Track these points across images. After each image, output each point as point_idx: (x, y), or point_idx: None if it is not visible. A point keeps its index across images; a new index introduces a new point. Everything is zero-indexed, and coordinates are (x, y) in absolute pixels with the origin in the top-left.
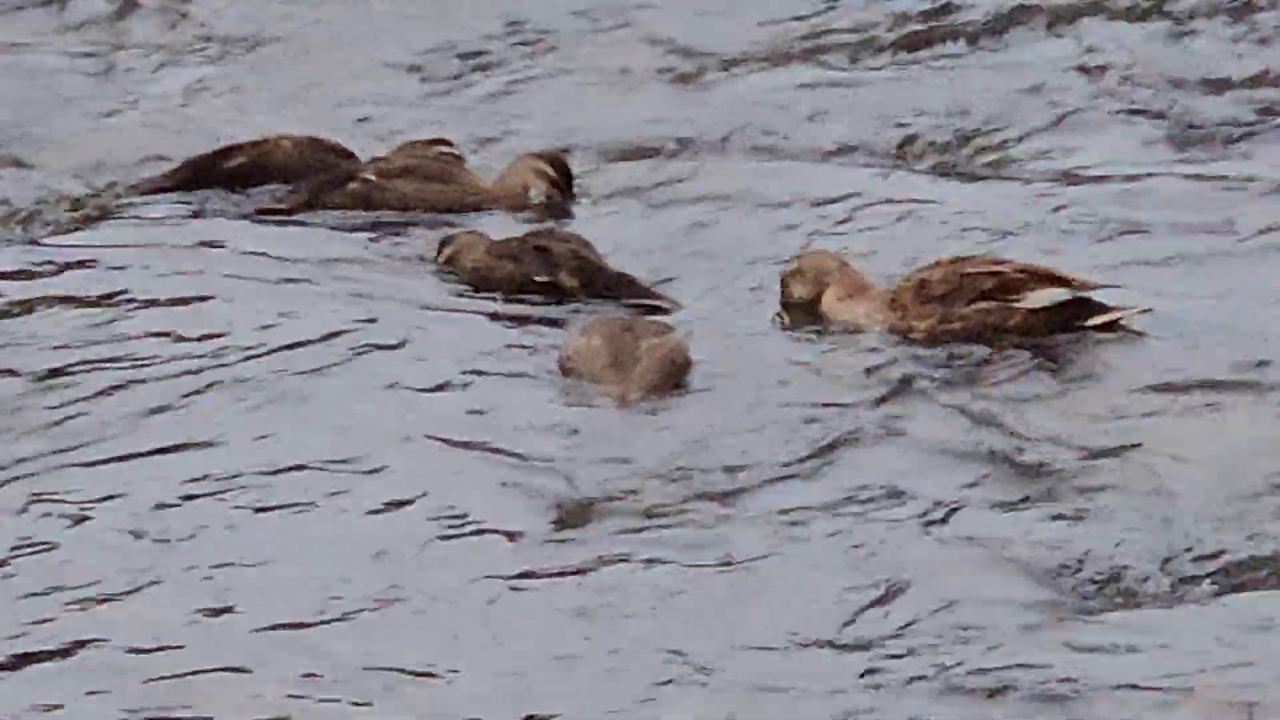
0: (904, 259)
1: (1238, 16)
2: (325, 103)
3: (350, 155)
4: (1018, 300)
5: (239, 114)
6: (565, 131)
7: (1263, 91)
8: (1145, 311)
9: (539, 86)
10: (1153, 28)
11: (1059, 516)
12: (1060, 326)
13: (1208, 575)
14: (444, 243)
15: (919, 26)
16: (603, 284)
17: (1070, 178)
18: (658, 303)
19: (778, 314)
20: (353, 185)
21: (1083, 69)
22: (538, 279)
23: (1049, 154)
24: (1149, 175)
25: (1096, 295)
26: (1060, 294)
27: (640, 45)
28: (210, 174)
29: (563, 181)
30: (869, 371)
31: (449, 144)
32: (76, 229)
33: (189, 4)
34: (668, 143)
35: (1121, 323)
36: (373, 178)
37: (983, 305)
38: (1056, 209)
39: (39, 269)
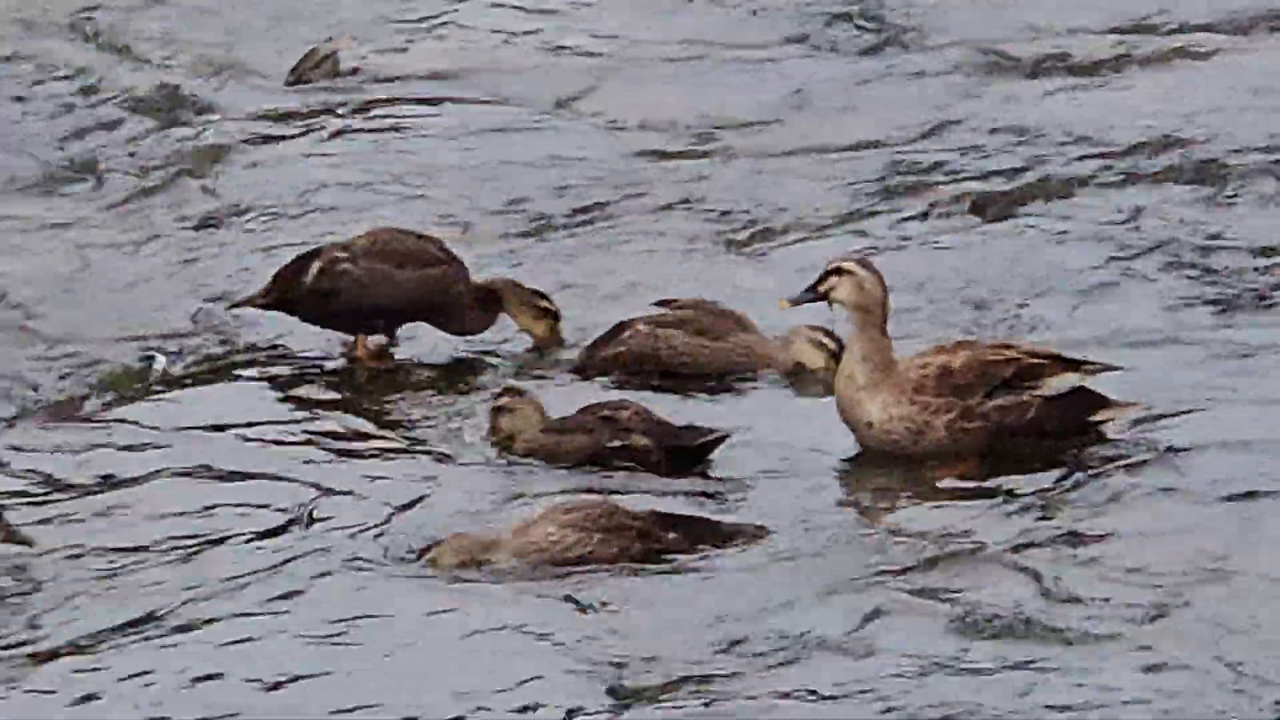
0: None
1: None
2: None
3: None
4: (1035, 388)
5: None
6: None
7: None
8: (1148, 409)
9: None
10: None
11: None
12: (1074, 419)
13: None
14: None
15: (953, 195)
16: (672, 436)
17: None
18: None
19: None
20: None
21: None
22: (610, 445)
23: (1076, 323)
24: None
25: (1102, 384)
26: (1073, 379)
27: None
28: (294, 289)
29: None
30: (913, 529)
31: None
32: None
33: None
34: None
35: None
36: (644, 329)
37: (1000, 402)
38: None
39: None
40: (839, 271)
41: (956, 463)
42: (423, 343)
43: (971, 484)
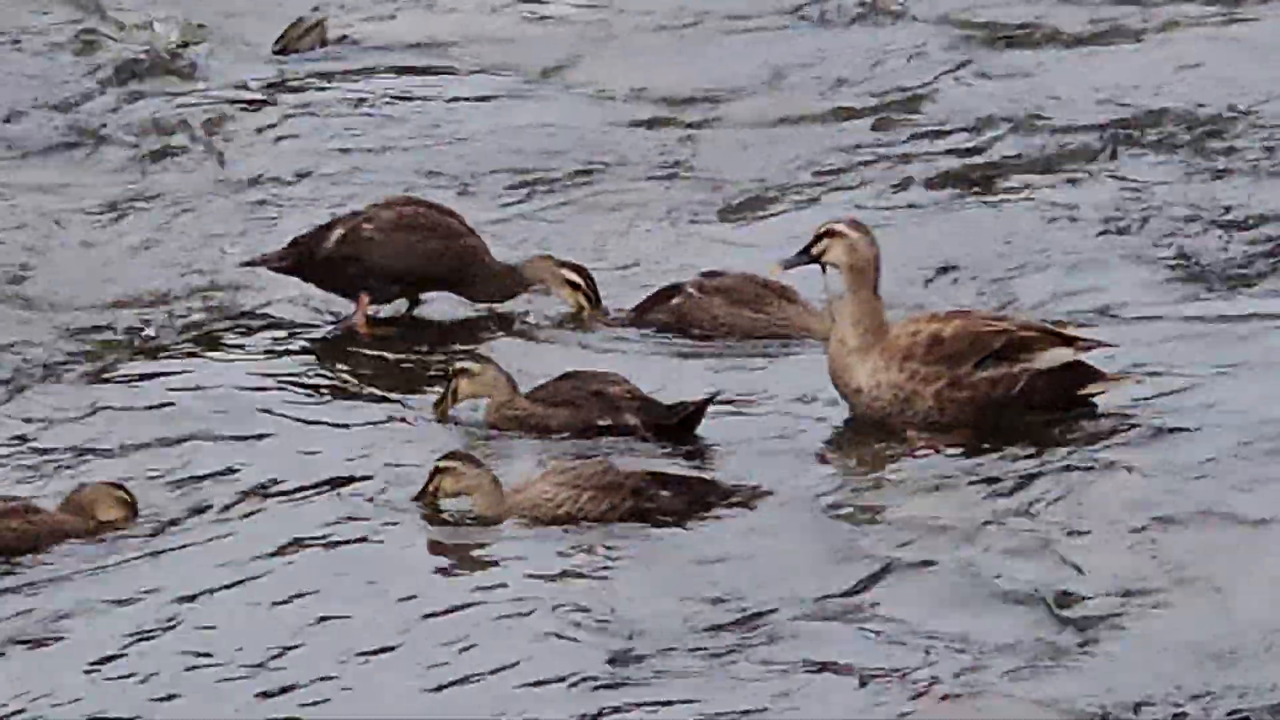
0: None
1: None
2: None
3: (452, 214)
4: (1026, 360)
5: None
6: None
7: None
8: (1139, 383)
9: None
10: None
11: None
12: (1062, 394)
13: None
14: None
15: (943, 167)
16: (662, 419)
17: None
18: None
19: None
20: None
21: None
22: (601, 423)
23: (1069, 296)
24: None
25: (1095, 358)
26: (1066, 354)
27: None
28: (313, 256)
29: None
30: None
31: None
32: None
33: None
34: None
35: (1118, 389)
36: (694, 293)
37: (989, 373)
38: None
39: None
40: (830, 234)
41: (945, 432)
42: (439, 304)
43: (960, 454)
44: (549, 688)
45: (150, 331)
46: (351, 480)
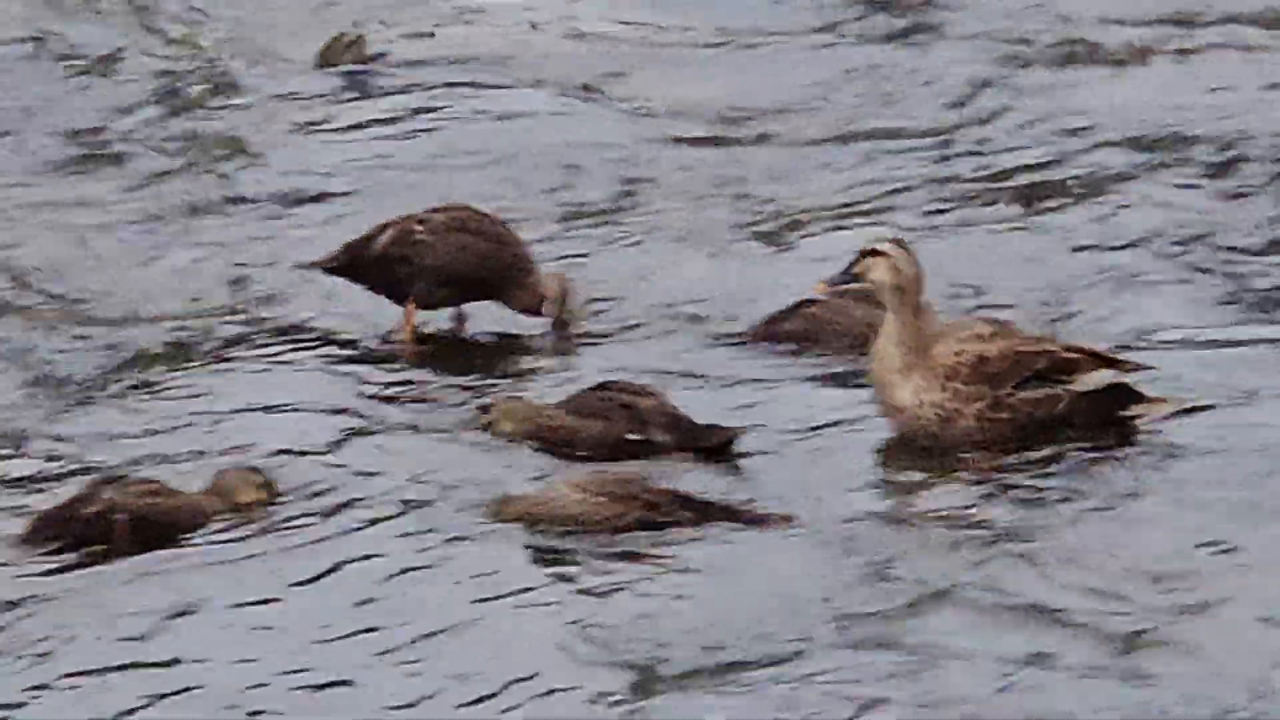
0: None
1: None
2: None
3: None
4: (1069, 382)
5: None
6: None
7: None
8: (1180, 405)
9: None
10: (1223, 187)
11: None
12: (1105, 414)
13: None
14: (485, 409)
15: (984, 188)
16: (692, 436)
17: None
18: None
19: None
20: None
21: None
22: (629, 438)
23: (1108, 319)
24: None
25: (1139, 380)
26: (1109, 376)
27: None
28: (365, 256)
29: None
30: (943, 518)
31: None
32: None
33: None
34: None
35: (1160, 412)
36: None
37: (1031, 394)
38: None
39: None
40: (873, 253)
41: (985, 452)
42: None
43: (1000, 474)
44: (571, 707)
45: (192, 344)
46: (384, 494)
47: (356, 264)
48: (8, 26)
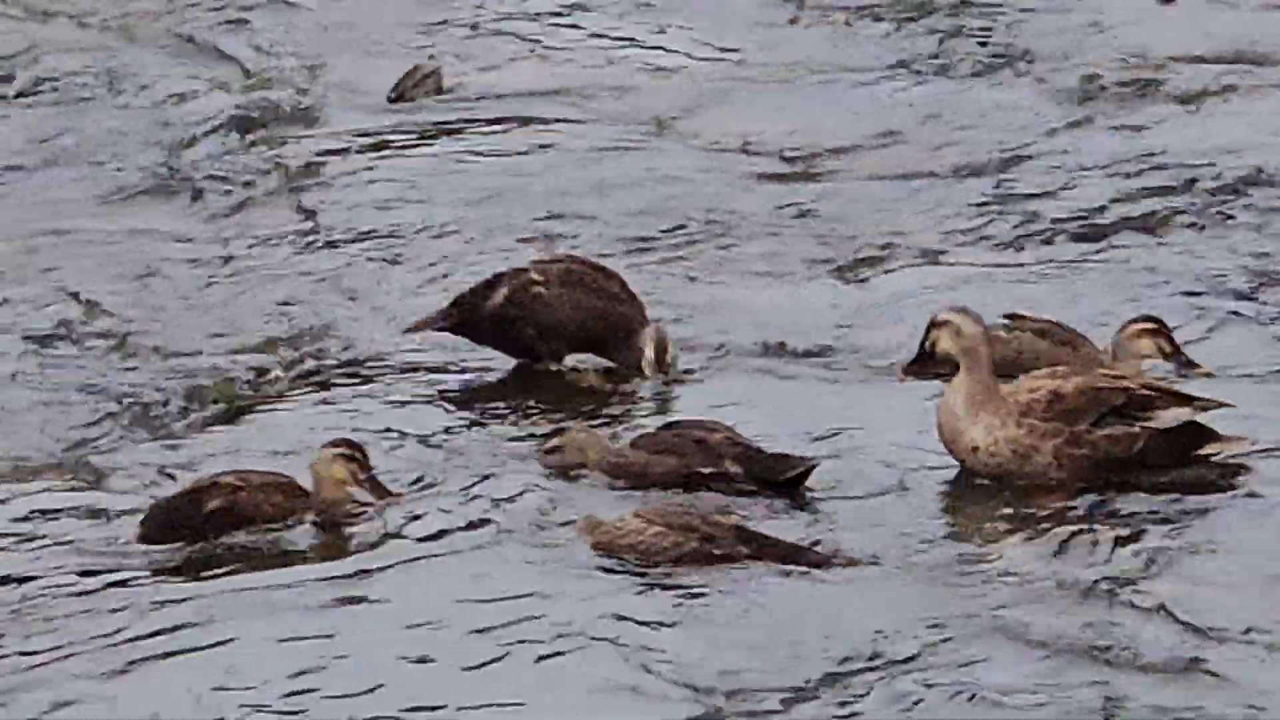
0: None
1: None
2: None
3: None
4: (1147, 420)
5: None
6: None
7: None
8: (1256, 444)
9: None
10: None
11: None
12: (1181, 452)
13: None
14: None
15: (1063, 222)
16: (765, 467)
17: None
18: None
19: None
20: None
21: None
22: (703, 471)
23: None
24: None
25: (1212, 418)
26: (1184, 414)
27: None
28: (478, 314)
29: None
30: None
31: None
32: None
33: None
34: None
35: (1237, 450)
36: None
37: (1108, 431)
38: None
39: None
40: (935, 324)
41: (1058, 491)
42: None
43: (1073, 513)
44: None
45: (269, 375)
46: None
47: (469, 323)
48: (81, 57)
